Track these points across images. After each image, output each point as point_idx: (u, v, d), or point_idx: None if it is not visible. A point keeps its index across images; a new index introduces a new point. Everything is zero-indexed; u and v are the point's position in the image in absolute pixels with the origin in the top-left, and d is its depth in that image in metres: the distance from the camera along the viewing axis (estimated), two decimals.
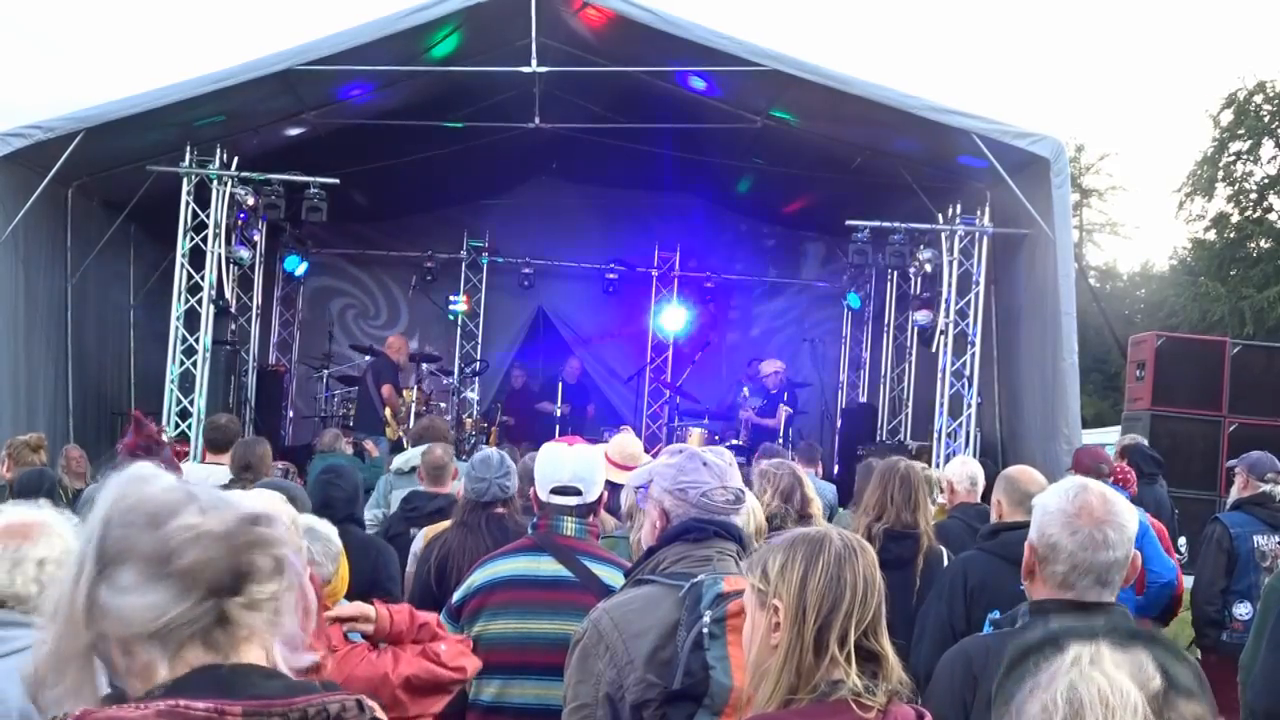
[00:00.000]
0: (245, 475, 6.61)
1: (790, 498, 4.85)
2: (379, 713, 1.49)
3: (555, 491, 3.73)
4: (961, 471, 6.49)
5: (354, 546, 5.31)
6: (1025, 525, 4.36)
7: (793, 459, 9.57)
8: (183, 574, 1.44)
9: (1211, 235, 30.65)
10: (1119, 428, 12.31)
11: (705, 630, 2.59)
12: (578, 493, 3.74)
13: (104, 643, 1.46)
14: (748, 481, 4.68)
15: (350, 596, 4.92)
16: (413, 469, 7.45)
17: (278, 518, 1.54)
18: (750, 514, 3.69)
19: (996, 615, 4.17)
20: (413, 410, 13.31)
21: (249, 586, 1.47)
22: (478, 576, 3.71)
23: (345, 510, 5.36)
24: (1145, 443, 9.26)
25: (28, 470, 6.72)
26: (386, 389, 13.15)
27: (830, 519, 8.29)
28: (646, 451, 5.91)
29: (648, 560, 2.96)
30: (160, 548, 1.44)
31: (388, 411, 13.02)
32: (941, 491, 6.90)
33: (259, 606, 1.48)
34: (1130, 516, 2.80)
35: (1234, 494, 7.16)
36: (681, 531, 2.93)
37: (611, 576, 3.60)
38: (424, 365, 14.76)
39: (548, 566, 3.65)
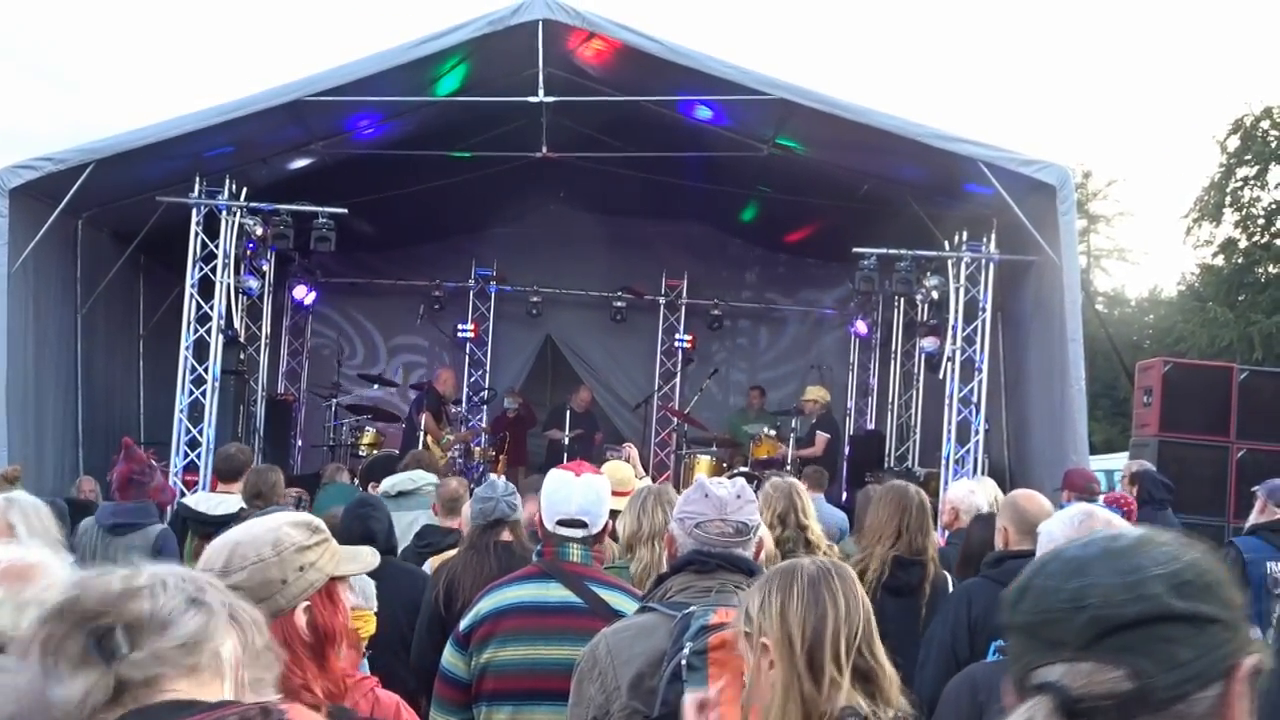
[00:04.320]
0: (256, 503, 6.61)
1: (786, 519, 4.86)
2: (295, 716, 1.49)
3: (561, 523, 3.74)
4: (968, 500, 6.47)
5: (401, 575, 5.38)
6: (1030, 554, 4.39)
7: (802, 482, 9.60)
8: (50, 650, 1.48)
9: (1219, 261, 30.62)
10: (1127, 453, 12.25)
11: (684, 662, 2.60)
12: (583, 525, 3.75)
13: None
14: None
15: (398, 625, 4.96)
16: (400, 493, 7.48)
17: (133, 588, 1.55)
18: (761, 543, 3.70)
19: (1001, 643, 4.17)
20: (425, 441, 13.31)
21: (118, 638, 1.49)
22: (485, 604, 3.70)
23: (386, 542, 5.45)
24: (1154, 469, 9.22)
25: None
26: (426, 417, 13.24)
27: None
28: (653, 479, 5.90)
29: (657, 589, 2.99)
30: (19, 628, 1.55)
31: (429, 439, 13.05)
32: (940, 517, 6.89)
33: (160, 657, 1.50)
34: None
35: (1251, 519, 7.12)
36: (687, 561, 2.96)
37: (619, 602, 3.61)
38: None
39: (556, 593, 3.66)
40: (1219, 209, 29.88)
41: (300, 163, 12.91)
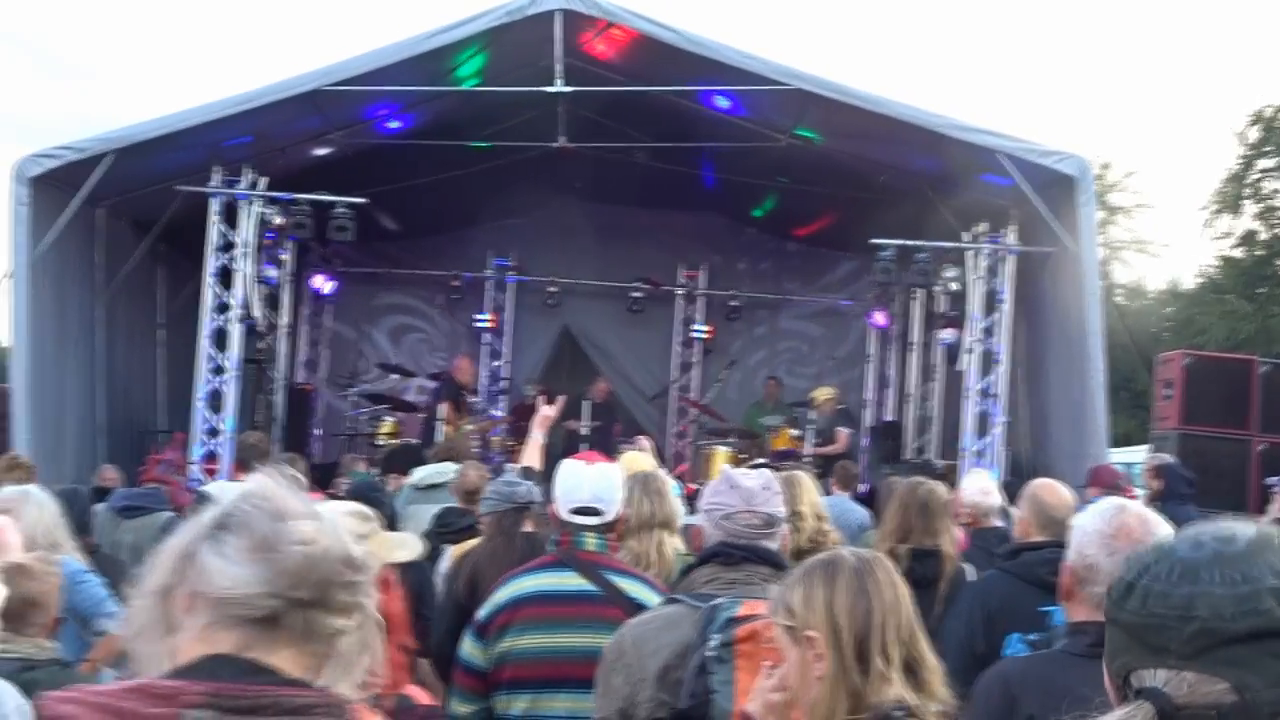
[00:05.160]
0: None
1: None
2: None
3: (576, 511, 3.77)
4: (985, 502, 6.40)
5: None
6: (1047, 545, 4.34)
7: (830, 479, 9.62)
8: (277, 566, 1.52)
9: (1239, 253, 30.50)
10: (1147, 447, 12.21)
11: (711, 654, 2.60)
12: (598, 513, 3.78)
13: (174, 597, 1.54)
14: None
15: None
16: (429, 485, 7.47)
17: (368, 567, 1.62)
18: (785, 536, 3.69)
19: (1016, 638, 4.12)
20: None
21: (317, 613, 1.53)
22: (502, 593, 3.73)
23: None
24: (1177, 462, 9.18)
25: (60, 490, 6.81)
26: (445, 406, 13.22)
27: (854, 541, 8.27)
28: (670, 470, 5.89)
29: (683, 579, 3.00)
30: (273, 537, 1.53)
31: (448, 429, 13.05)
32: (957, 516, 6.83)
33: (315, 631, 1.54)
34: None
35: (1271, 513, 7.09)
36: (714, 553, 2.96)
37: (636, 590, 3.63)
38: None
39: (572, 581, 3.68)
40: (1238, 201, 29.78)
41: (319, 152, 12.94)
